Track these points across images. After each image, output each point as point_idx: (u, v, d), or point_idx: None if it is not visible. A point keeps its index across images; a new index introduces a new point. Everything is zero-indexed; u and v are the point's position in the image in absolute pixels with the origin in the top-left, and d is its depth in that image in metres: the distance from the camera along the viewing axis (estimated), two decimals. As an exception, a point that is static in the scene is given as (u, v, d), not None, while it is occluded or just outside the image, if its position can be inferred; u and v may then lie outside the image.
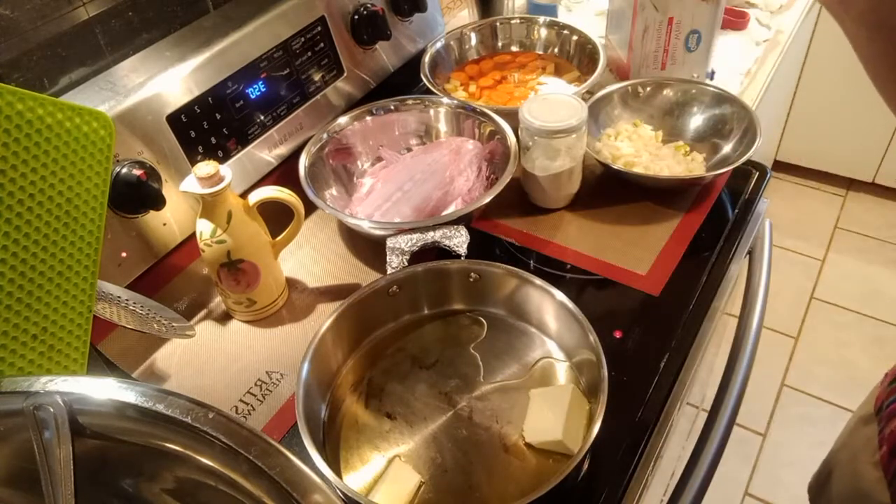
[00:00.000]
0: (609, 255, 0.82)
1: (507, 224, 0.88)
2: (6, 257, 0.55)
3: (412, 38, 1.10)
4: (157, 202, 0.74)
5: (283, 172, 0.92)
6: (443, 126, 0.96)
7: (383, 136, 0.96)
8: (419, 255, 0.74)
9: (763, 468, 1.61)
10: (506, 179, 0.81)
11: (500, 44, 1.15)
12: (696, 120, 0.96)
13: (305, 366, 0.64)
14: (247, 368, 0.74)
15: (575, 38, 1.10)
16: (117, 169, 0.72)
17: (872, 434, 0.70)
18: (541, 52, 1.14)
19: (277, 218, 0.76)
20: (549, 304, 0.70)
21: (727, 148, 0.91)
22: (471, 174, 0.88)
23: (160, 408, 0.42)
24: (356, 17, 0.98)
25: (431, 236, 0.73)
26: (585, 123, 0.81)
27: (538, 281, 0.70)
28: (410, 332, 0.75)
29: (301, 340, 0.76)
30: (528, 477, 0.61)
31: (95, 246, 0.62)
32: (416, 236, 0.73)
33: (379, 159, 0.95)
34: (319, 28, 0.94)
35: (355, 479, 0.62)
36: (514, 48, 1.15)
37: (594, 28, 1.13)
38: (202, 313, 0.80)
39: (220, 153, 0.84)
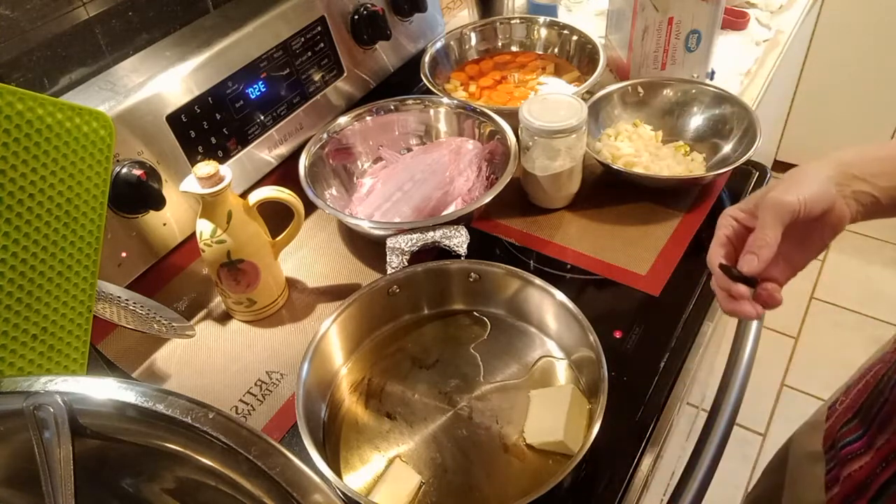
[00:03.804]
0: (609, 255, 0.82)
1: (507, 224, 0.88)
2: (6, 257, 0.55)
3: (412, 38, 1.10)
4: (157, 202, 0.74)
5: (283, 172, 0.92)
6: (443, 126, 0.96)
7: (383, 136, 0.96)
8: (419, 255, 0.74)
9: (763, 468, 1.60)
10: (506, 179, 0.81)
11: (500, 44, 1.15)
12: (696, 120, 0.96)
13: (305, 366, 0.64)
14: (247, 368, 0.74)
15: (575, 38, 1.10)
16: (117, 169, 0.72)
17: (820, 472, 0.69)
18: (541, 52, 1.14)
19: (277, 218, 0.76)
20: (549, 304, 0.70)
21: (727, 148, 0.91)
22: (471, 174, 0.88)
23: (160, 408, 0.42)
24: (356, 17, 0.98)
25: (431, 236, 0.73)
26: (585, 123, 0.81)
27: (538, 281, 0.70)
28: (410, 332, 0.75)
29: (301, 340, 0.76)
30: (528, 477, 0.61)
31: (95, 246, 0.62)
32: (416, 236, 0.73)
33: (379, 159, 0.95)
34: (319, 28, 0.94)
35: (355, 479, 0.62)
36: (514, 48, 1.15)
37: (594, 28, 1.13)
38: (202, 313, 0.80)
39: (220, 153, 0.84)
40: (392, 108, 0.95)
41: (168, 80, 0.78)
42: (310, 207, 0.84)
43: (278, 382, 0.72)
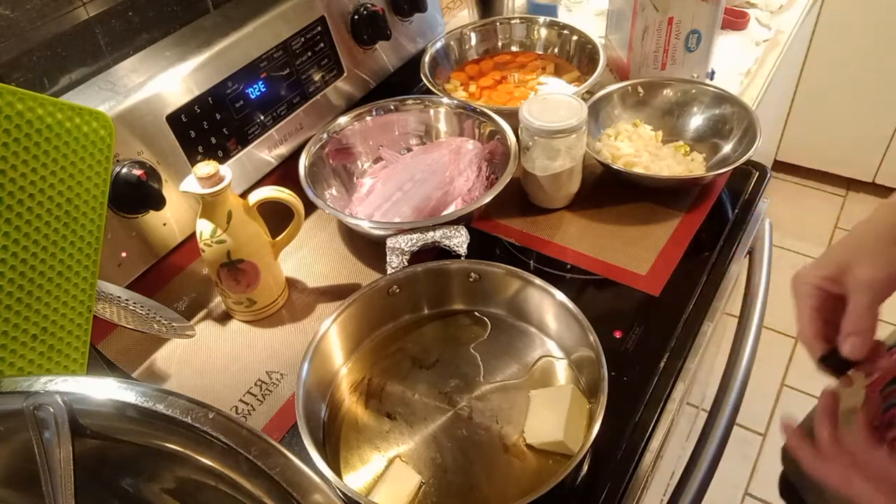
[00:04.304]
0: (609, 255, 0.82)
1: (507, 224, 0.88)
2: (6, 257, 0.55)
3: (412, 38, 1.10)
4: (157, 202, 0.74)
5: (283, 172, 0.92)
6: (443, 126, 0.96)
7: (383, 136, 0.96)
8: (419, 255, 0.74)
9: (763, 468, 1.61)
10: (506, 179, 0.81)
11: (500, 44, 1.15)
12: (696, 120, 0.96)
13: (305, 366, 0.64)
14: (247, 368, 0.74)
15: (575, 38, 1.10)
16: (117, 169, 0.72)
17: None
18: (541, 52, 1.14)
19: (277, 218, 0.76)
20: (549, 304, 0.70)
21: (727, 148, 0.91)
22: (471, 174, 0.88)
23: (160, 408, 0.42)
24: (356, 17, 0.98)
25: (431, 236, 0.73)
26: (585, 123, 0.81)
27: (538, 281, 0.70)
28: (410, 332, 0.75)
29: (301, 340, 0.76)
30: (529, 477, 0.61)
31: (95, 246, 0.62)
32: (416, 236, 0.73)
33: (379, 159, 0.95)
34: (319, 28, 0.94)
35: (355, 479, 0.62)
36: (514, 48, 1.15)
37: (594, 28, 1.13)
38: (202, 313, 0.80)
39: (220, 153, 0.84)
40: (392, 108, 0.95)
41: (168, 80, 0.78)
42: (310, 207, 0.84)
43: (278, 382, 0.72)
